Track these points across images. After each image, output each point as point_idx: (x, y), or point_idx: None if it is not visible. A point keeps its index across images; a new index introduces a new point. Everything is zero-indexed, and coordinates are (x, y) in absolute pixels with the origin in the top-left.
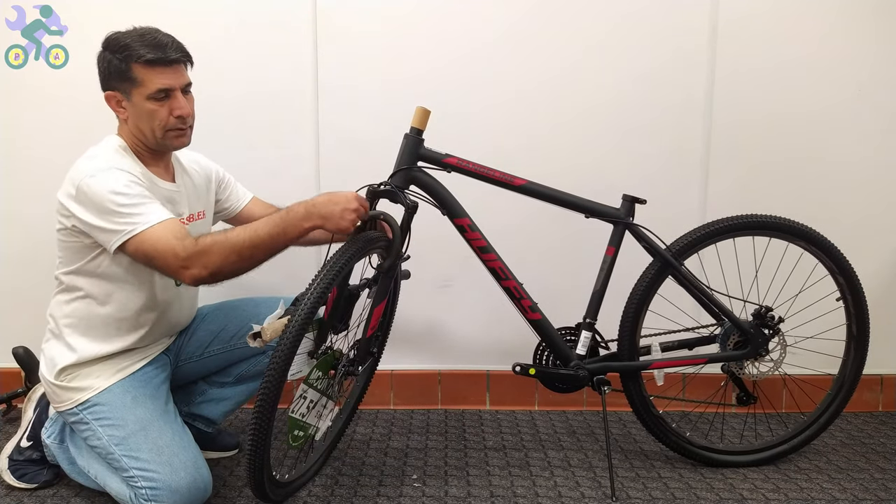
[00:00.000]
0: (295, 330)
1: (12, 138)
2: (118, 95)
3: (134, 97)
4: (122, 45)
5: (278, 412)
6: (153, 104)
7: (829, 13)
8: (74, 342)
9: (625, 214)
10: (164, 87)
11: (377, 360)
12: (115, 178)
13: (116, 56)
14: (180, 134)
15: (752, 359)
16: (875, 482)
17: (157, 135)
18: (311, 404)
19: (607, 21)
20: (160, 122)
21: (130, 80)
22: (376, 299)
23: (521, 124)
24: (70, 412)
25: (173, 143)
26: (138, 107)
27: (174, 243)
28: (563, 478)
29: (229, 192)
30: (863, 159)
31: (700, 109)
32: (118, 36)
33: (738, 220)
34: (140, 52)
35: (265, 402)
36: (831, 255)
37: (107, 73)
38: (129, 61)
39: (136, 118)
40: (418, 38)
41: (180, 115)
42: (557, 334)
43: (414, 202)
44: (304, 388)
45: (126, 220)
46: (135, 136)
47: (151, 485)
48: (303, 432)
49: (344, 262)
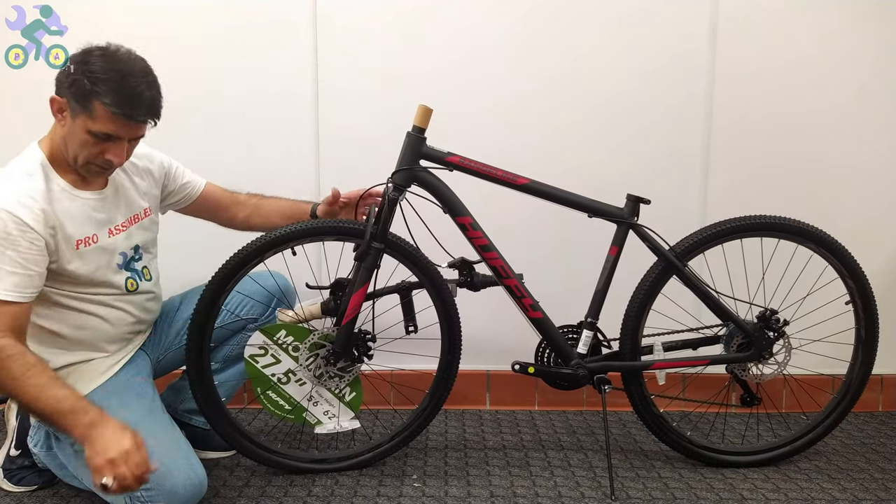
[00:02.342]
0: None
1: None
2: (63, 105)
3: (77, 120)
4: (97, 78)
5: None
6: (90, 138)
7: (829, 14)
8: (39, 352)
9: (628, 214)
10: (111, 134)
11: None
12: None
13: (86, 80)
14: (100, 172)
15: (756, 361)
16: (875, 482)
17: (78, 161)
18: (287, 372)
19: (609, 22)
20: (86, 155)
21: (84, 108)
22: (354, 287)
23: (523, 124)
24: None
25: (89, 174)
26: (75, 130)
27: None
28: (563, 478)
29: (179, 184)
30: (863, 160)
31: (700, 110)
32: (98, 64)
33: (745, 220)
34: (109, 99)
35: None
36: (842, 258)
37: (67, 84)
38: (95, 97)
39: (68, 135)
40: (419, 38)
41: (109, 161)
42: (559, 333)
43: (394, 196)
44: (265, 340)
45: None
46: (61, 148)
47: (146, 486)
48: (280, 398)
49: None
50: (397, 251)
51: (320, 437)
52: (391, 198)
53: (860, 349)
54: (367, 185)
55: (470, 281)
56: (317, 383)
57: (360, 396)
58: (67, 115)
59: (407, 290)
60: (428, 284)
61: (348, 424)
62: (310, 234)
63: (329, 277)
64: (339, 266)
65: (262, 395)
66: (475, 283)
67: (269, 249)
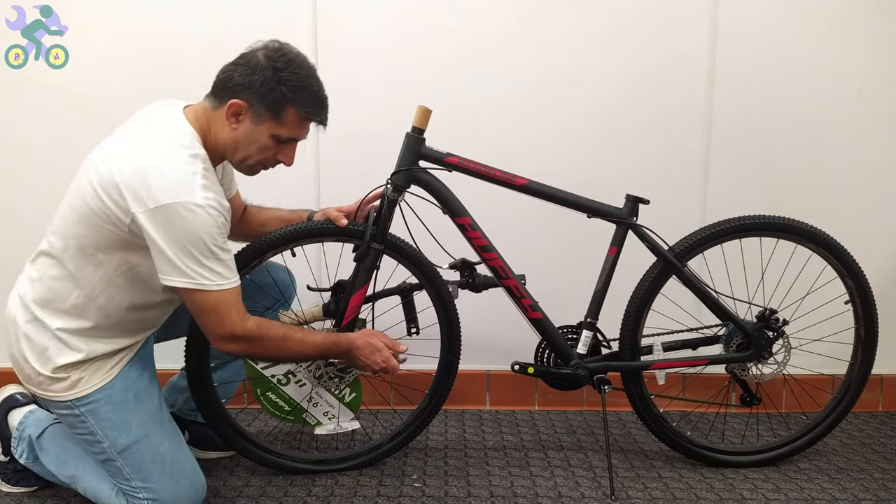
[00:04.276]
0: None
1: (12, 138)
2: (245, 110)
3: (262, 126)
4: (297, 86)
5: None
6: (272, 142)
7: (829, 13)
8: (81, 336)
9: (628, 214)
10: (295, 137)
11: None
12: (210, 219)
13: (283, 88)
14: (258, 171)
15: (756, 361)
16: (875, 482)
17: (246, 162)
18: (287, 374)
19: (608, 21)
20: (259, 158)
21: (274, 115)
22: (354, 287)
23: (523, 123)
24: (62, 404)
25: (245, 171)
26: (256, 135)
27: (234, 319)
28: (563, 478)
29: (229, 180)
30: (863, 160)
31: (700, 109)
32: (292, 71)
33: (744, 220)
34: (306, 105)
35: None
36: (841, 258)
37: (260, 90)
38: (291, 103)
39: (241, 138)
40: (418, 39)
41: (278, 163)
42: (558, 333)
43: (394, 197)
44: None
45: (203, 273)
46: (216, 141)
47: (152, 495)
48: (279, 400)
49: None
50: (397, 252)
51: (320, 438)
52: (391, 199)
53: (860, 349)
54: (367, 184)
55: (472, 282)
56: (316, 384)
57: (360, 397)
58: (246, 120)
59: (408, 291)
60: (427, 285)
61: (348, 425)
62: (309, 234)
63: (329, 280)
64: (339, 268)
65: (262, 397)
66: (477, 285)
67: (269, 250)
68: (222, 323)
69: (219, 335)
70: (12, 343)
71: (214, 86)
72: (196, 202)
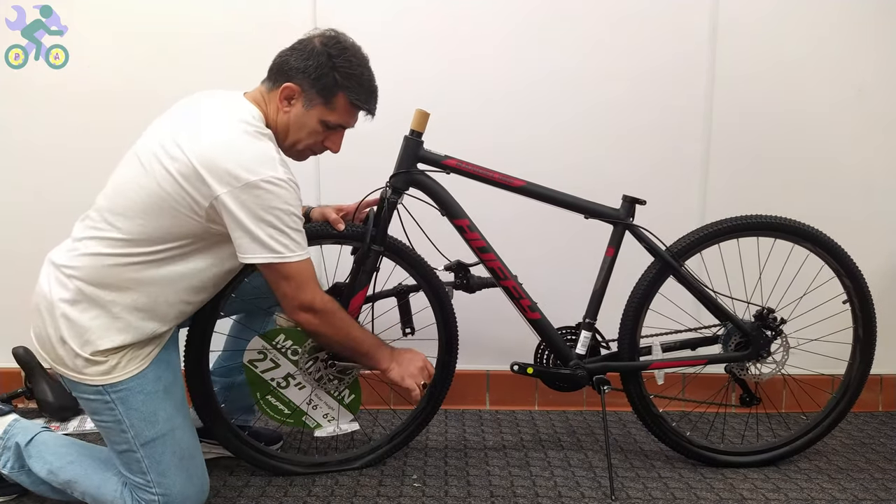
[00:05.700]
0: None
1: (12, 138)
2: (297, 94)
3: (312, 110)
4: (350, 73)
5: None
6: (321, 128)
7: (829, 14)
8: (132, 319)
9: (624, 215)
10: (343, 124)
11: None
12: (293, 193)
13: (336, 74)
14: (306, 157)
15: (754, 360)
16: (875, 482)
17: (296, 147)
18: (287, 377)
19: (608, 21)
20: (309, 142)
21: (325, 100)
22: (354, 289)
23: (521, 125)
24: (93, 389)
25: (294, 157)
26: (307, 119)
27: (314, 288)
28: (563, 478)
29: None
30: (862, 160)
31: (700, 110)
32: (346, 58)
33: (741, 220)
34: (357, 93)
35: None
36: (838, 258)
37: (313, 75)
38: (342, 90)
39: (293, 122)
40: (418, 40)
41: (325, 149)
42: (557, 334)
43: (393, 199)
44: (264, 345)
45: (287, 244)
46: (273, 123)
47: (164, 490)
48: (279, 403)
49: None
50: (395, 253)
51: (319, 440)
52: (390, 201)
53: (858, 348)
54: (366, 184)
55: (466, 283)
56: (316, 386)
57: (360, 398)
58: (298, 104)
59: (405, 293)
60: (425, 286)
61: (347, 427)
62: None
63: (327, 282)
64: (337, 271)
65: (262, 400)
66: (471, 285)
67: None
68: (303, 290)
69: (298, 303)
70: (45, 324)
71: (270, 70)
72: (280, 177)
